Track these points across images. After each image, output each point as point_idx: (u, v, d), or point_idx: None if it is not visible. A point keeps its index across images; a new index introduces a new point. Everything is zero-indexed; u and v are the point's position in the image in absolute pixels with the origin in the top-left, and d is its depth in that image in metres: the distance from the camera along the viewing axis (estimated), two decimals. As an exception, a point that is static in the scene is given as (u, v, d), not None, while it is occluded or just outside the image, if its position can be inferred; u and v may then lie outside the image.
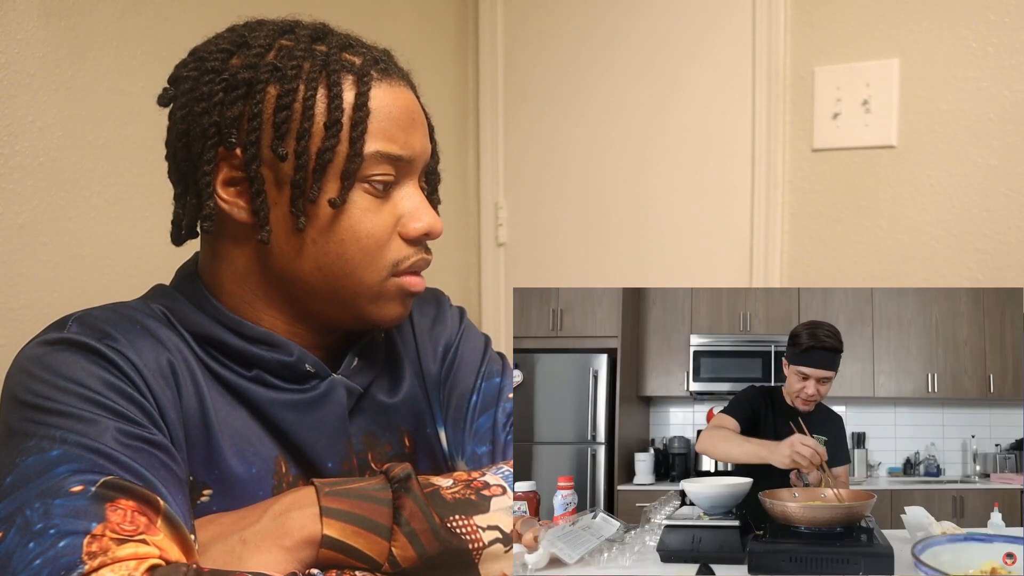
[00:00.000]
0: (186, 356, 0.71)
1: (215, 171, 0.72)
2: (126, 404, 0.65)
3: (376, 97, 0.71)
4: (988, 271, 1.62)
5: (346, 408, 0.76)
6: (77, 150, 1.39)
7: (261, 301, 0.75)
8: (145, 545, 0.58)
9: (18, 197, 1.32)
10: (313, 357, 0.75)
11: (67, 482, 0.59)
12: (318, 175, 0.70)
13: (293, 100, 0.70)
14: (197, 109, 0.71)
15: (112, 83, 1.43)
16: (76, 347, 0.67)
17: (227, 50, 0.72)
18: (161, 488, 0.62)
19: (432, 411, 0.84)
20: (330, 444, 0.75)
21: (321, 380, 0.75)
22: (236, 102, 0.70)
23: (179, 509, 0.63)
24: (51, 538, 0.57)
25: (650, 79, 1.99)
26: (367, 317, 0.75)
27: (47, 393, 0.64)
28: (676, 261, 1.98)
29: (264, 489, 0.72)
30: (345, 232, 0.71)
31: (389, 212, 0.73)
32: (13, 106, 1.31)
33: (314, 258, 0.72)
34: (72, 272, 1.39)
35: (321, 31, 0.75)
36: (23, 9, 1.31)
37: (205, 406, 0.70)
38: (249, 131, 0.70)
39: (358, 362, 0.79)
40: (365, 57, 0.73)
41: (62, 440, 0.61)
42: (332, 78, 0.70)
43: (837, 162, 1.76)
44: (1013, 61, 1.57)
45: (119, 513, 0.59)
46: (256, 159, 0.70)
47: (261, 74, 0.70)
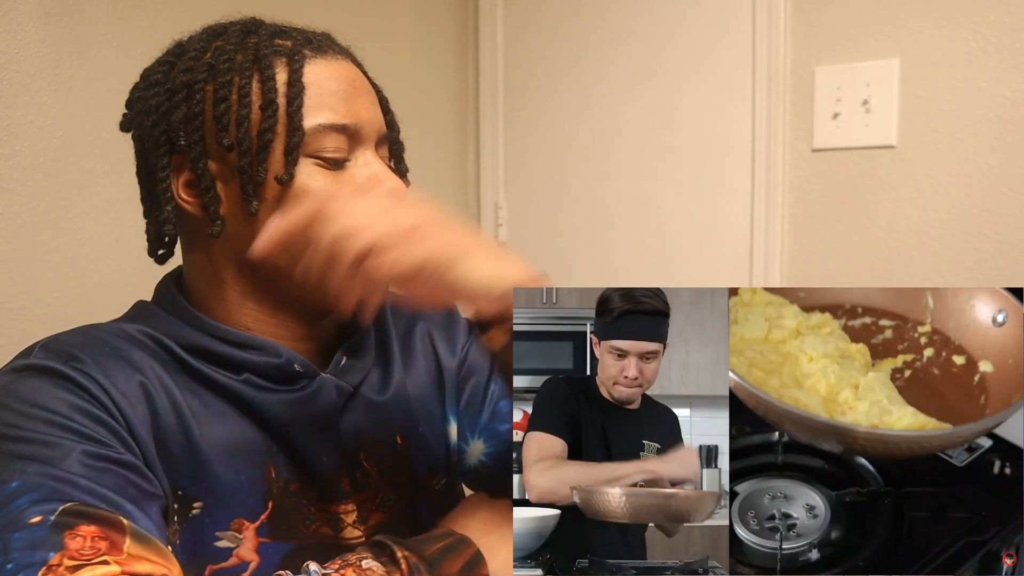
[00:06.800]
0: (160, 374, 0.70)
1: (171, 177, 0.73)
2: (93, 425, 0.65)
3: (312, 73, 0.72)
4: (988, 271, 1.62)
5: (337, 406, 0.76)
6: (77, 150, 1.39)
7: (241, 298, 0.75)
8: (105, 566, 0.58)
9: (18, 197, 1.32)
10: (301, 358, 0.75)
11: (26, 514, 0.59)
12: (262, 156, 0.70)
13: (229, 92, 0.71)
14: (147, 123, 0.73)
15: (112, 83, 1.43)
16: (41, 372, 0.66)
17: (168, 61, 0.75)
18: (127, 506, 0.62)
19: (442, 405, 0.84)
20: (323, 441, 0.75)
21: (311, 379, 0.75)
22: (179, 105, 0.72)
23: (151, 524, 0.63)
24: (8, 573, 0.57)
25: (650, 79, 1.99)
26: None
27: (12, 420, 0.64)
28: (676, 261, 1.97)
29: (255, 496, 0.72)
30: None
31: (347, 182, 0.72)
32: (13, 106, 1.31)
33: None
34: (72, 272, 1.39)
35: (252, 24, 0.75)
36: (23, 9, 1.31)
37: (186, 422, 0.70)
38: (192, 130, 0.71)
39: (347, 360, 0.78)
40: (296, 40, 0.74)
41: (21, 471, 0.61)
42: (264, 63, 0.71)
43: (837, 162, 1.76)
44: (1013, 61, 1.57)
45: (78, 540, 0.59)
46: (202, 156, 0.71)
47: (198, 75, 0.71)
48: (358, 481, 0.77)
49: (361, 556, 0.66)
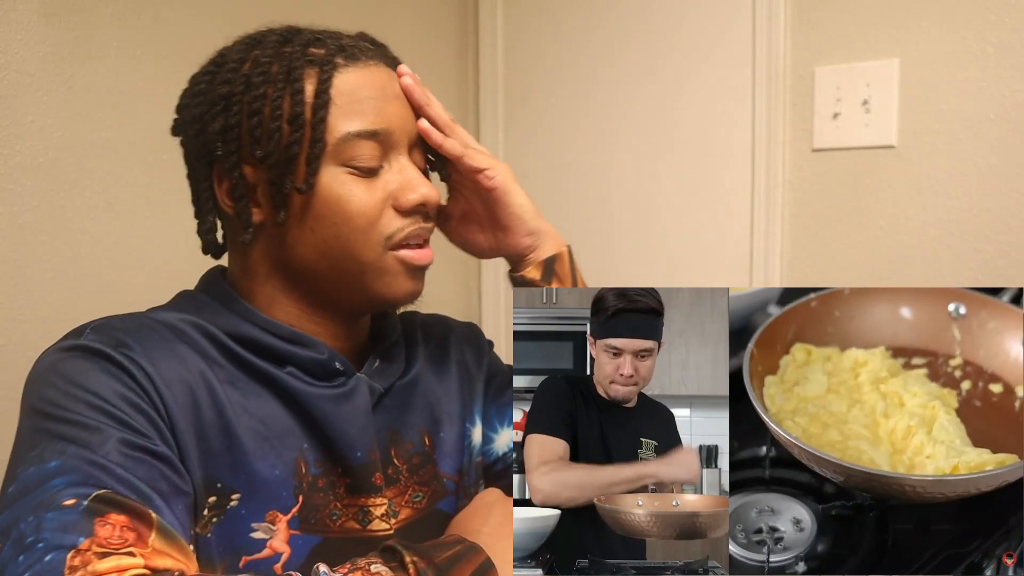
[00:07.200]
0: (201, 368, 0.72)
1: (212, 185, 0.76)
2: (133, 414, 0.66)
3: (343, 82, 0.74)
4: (988, 271, 1.62)
5: (370, 404, 0.79)
6: (77, 150, 1.39)
7: (281, 295, 0.78)
8: (130, 557, 0.59)
9: (18, 197, 1.32)
10: (342, 356, 0.78)
11: (61, 495, 0.60)
12: (288, 167, 0.72)
13: (263, 105, 0.73)
14: (191, 132, 0.77)
15: (112, 83, 1.43)
16: (90, 354, 0.68)
17: (210, 71, 0.77)
18: (157, 500, 0.63)
19: (468, 408, 0.88)
20: (359, 435, 0.77)
21: (348, 378, 0.78)
22: (217, 117, 0.74)
23: (177, 521, 0.64)
24: (39, 552, 0.58)
25: (650, 80, 1.99)
26: (377, 295, 0.77)
27: (57, 400, 0.65)
28: (676, 261, 1.97)
29: (287, 489, 0.74)
30: (337, 215, 0.73)
31: (380, 188, 0.75)
32: (13, 106, 1.31)
33: (314, 245, 0.74)
34: (72, 272, 1.39)
35: (289, 33, 0.77)
36: (23, 9, 1.31)
37: (226, 415, 0.71)
38: (229, 140, 0.74)
39: (379, 364, 0.82)
40: (329, 48, 0.75)
41: (61, 452, 0.62)
42: (294, 75, 0.73)
43: (837, 162, 1.76)
44: (1013, 61, 1.57)
45: (107, 528, 0.59)
46: (237, 166, 0.74)
47: (235, 87, 0.74)
48: (389, 477, 0.80)
49: (371, 560, 0.66)
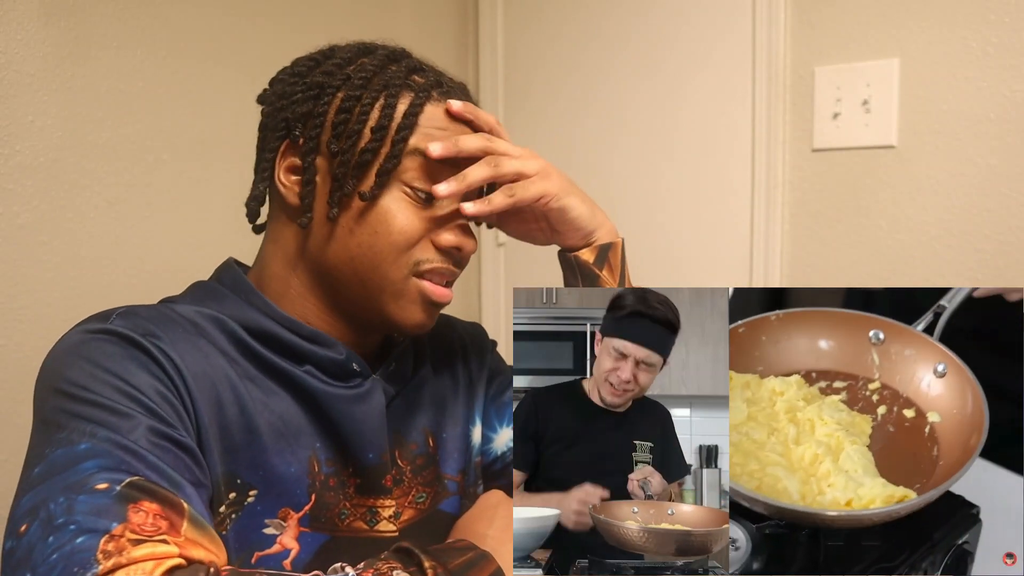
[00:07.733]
0: (221, 364, 0.72)
1: (277, 158, 0.77)
2: (161, 403, 0.66)
3: (429, 114, 0.77)
4: (988, 271, 1.62)
5: (385, 406, 0.80)
6: (77, 150, 1.39)
7: (305, 290, 0.78)
8: (165, 545, 0.59)
9: (18, 197, 1.32)
10: (359, 357, 0.79)
11: (93, 479, 0.60)
12: (357, 171, 0.75)
13: (354, 105, 0.75)
14: (277, 105, 0.78)
15: (112, 83, 1.43)
16: (120, 339, 0.67)
17: (316, 59, 0.80)
18: (187, 489, 0.63)
19: (469, 409, 0.89)
20: (373, 437, 0.78)
21: (364, 379, 0.79)
22: (307, 101, 0.76)
23: (203, 511, 0.64)
24: (70, 534, 0.57)
25: (650, 80, 1.99)
26: (390, 316, 0.78)
27: (84, 382, 0.65)
28: (676, 261, 1.97)
29: (301, 487, 0.74)
30: (379, 224, 0.75)
31: (427, 217, 0.77)
32: (13, 106, 1.31)
33: (347, 247, 0.75)
34: (72, 272, 1.39)
35: (398, 54, 0.80)
36: (23, 9, 1.31)
37: (247, 412, 0.72)
38: (312, 127, 0.76)
39: (394, 367, 0.83)
40: (429, 79, 0.78)
41: (91, 434, 0.62)
42: (391, 91, 0.76)
43: (837, 162, 1.76)
44: (1013, 61, 1.57)
45: (141, 515, 0.59)
46: (313, 152, 0.76)
47: (335, 80, 0.76)
48: (395, 479, 0.81)
49: (392, 565, 0.66)
